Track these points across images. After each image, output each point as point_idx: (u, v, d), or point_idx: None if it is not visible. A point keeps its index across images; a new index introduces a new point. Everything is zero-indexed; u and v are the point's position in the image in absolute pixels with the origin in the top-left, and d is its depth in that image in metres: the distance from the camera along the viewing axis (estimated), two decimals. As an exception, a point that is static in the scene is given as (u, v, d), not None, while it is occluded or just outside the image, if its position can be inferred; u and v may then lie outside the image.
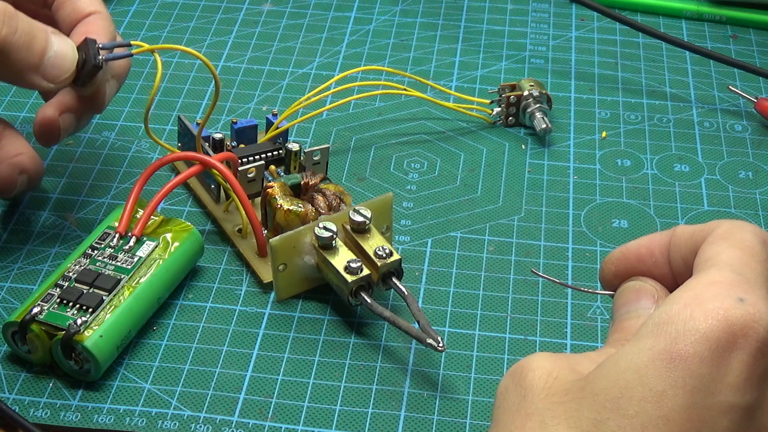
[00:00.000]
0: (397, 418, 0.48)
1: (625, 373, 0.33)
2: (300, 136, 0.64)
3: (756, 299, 0.33)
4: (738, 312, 0.32)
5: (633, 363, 0.33)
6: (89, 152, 0.63)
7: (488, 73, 0.71)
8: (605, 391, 0.33)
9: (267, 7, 0.78)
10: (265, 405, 0.48)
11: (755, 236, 0.36)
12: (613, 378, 0.33)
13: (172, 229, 0.53)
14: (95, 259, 0.51)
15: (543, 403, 0.34)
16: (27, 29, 0.49)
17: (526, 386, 0.35)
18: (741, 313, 0.32)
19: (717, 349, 0.32)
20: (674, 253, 0.38)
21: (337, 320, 0.52)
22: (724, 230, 0.36)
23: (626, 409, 0.32)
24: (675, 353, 0.32)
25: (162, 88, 0.68)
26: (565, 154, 0.64)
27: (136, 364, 0.50)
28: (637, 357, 0.33)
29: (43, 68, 0.50)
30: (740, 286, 0.33)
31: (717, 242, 0.36)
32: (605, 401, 0.33)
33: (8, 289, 0.53)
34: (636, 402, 0.32)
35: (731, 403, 0.32)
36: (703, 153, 0.64)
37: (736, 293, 0.33)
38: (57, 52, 0.50)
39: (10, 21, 0.48)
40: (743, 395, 0.32)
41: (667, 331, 0.32)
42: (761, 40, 0.75)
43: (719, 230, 0.36)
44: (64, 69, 0.50)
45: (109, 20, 0.54)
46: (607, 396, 0.33)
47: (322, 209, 0.53)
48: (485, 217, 0.59)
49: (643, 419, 0.32)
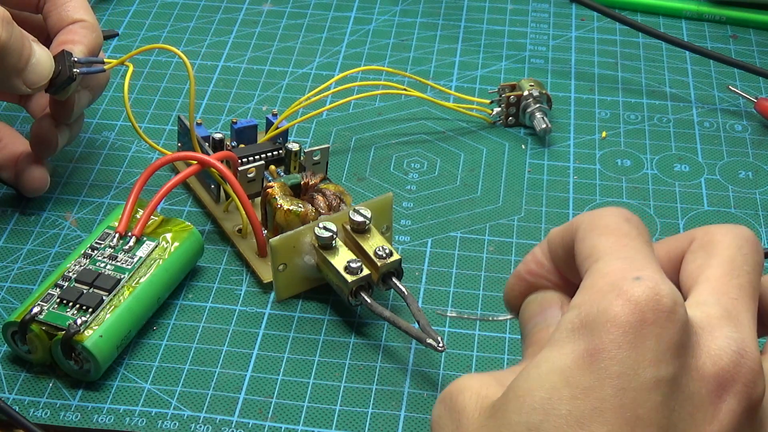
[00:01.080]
0: (397, 418, 0.48)
1: (549, 376, 0.33)
2: (300, 136, 0.64)
3: (649, 273, 0.33)
4: (638, 290, 0.33)
5: (556, 366, 0.33)
6: (89, 152, 0.63)
7: (488, 73, 0.71)
8: (530, 392, 0.33)
9: (267, 7, 0.78)
10: (265, 405, 0.48)
11: (617, 217, 0.36)
12: (536, 381, 0.33)
13: (172, 229, 0.53)
14: (95, 259, 0.51)
15: (477, 423, 0.34)
16: (19, 35, 0.51)
17: (459, 409, 0.35)
18: (641, 290, 0.33)
19: (630, 332, 0.32)
20: (556, 259, 0.39)
21: (337, 320, 0.52)
22: (588, 222, 0.37)
23: (558, 409, 0.32)
24: (594, 349, 0.32)
25: (162, 88, 0.68)
26: (565, 154, 0.64)
27: (136, 364, 0.50)
28: (560, 360, 0.33)
29: (26, 74, 0.52)
30: (630, 267, 0.34)
31: (587, 236, 0.36)
32: (533, 403, 0.33)
33: (8, 289, 0.53)
34: (566, 401, 0.32)
35: (656, 377, 0.32)
36: (703, 153, 0.64)
37: (630, 275, 0.33)
38: (38, 59, 0.52)
39: (8, 26, 0.50)
40: (665, 367, 0.32)
41: (582, 333, 0.33)
42: (761, 40, 0.75)
43: (583, 224, 0.37)
44: (42, 76, 0.52)
45: (92, 29, 0.55)
46: (534, 398, 0.33)
47: (322, 209, 0.53)
48: (485, 217, 0.59)
49: (577, 415, 0.32)
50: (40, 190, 0.58)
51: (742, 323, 0.34)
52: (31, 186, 0.57)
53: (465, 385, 0.36)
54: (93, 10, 0.57)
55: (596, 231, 0.36)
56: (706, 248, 0.37)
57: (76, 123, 0.57)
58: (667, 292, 0.33)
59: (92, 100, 0.57)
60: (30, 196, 0.58)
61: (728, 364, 0.33)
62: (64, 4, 0.55)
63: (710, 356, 0.33)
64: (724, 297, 0.35)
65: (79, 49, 0.54)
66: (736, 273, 0.36)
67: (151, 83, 0.69)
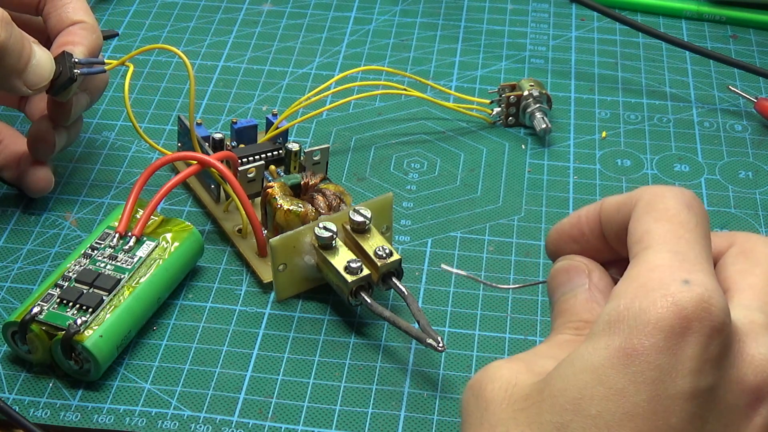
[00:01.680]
0: (397, 418, 0.48)
1: (582, 374, 0.32)
2: (300, 136, 0.64)
3: (701, 277, 0.32)
4: (686, 296, 0.32)
5: (589, 363, 0.32)
6: (89, 152, 0.63)
7: (488, 73, 0.71)
8: (563, 392, 0.32)
9: (267, 7, 0.78)
10: (265, 405, 0.48)
11: (678, 202, 0.35)
12: (570, 379, 0.33)
13: (172, 229, 0.53)
14: (95, 259, 0.51)
15: (505, 413, 0.34)
16: (19, 36, 0.51)
17: (488, 398, 0.35)
18: (689, 297, 0.32)
19: (671, 338, 0.32)
20: (607, 230, 0.38)
21: (337, 320, 0.52)
22: (647, 202, 0.36)
23: (588, 409, 0.32)
24: (631, 349, 0.32)
25: (162, 88, 0.68)
26: (565, 154, 0.64)
27: (136, 364, 0.50)
28: (593, 357, 0.32)
29: (26, 75, 0.52)
30: (681, 266, 0.33)
31: (643, 218, 0.35)
32: (565, 403, 0.32)
33: (8, 289, 0.53)
34: (597, 401, 0.32)
35: (693, 387, 0.32)
36: (703, 153, 0.64)
37: (680, 276, 0.33)
38: (38, 61, 0.52)
39: (7, 26, 0.50)
40: (704, 378, 0.32)
41: (619, 328, 0.32)
42: (761, 40, 0.75)
43: (642, 202, 0.36)
44: (43, 77, 0.52)
45: (92, 30, 0.55)
46: (566, 397, 0.32)
47: (322, 209, 0.53)
48: (485, 217, 0.59)
49: (607, 418, 0.32)
50: (44, 190, 0.58)
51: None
52: (36, 186, 0.57)
53: (495, 375, 0.35)
54: (93, 10, 0.57)
55: (654, 214, 0.35)
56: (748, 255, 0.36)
57: (74, 126, 0.57)
58: (717, 301, 0.32)
59: (91, 103, 0.57)
60: (34, 196, 0.58)
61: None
62: (63, 6, 0.55)
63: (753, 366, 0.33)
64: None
65: (80, 51, 0.54)
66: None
67: (151, 83, 0.69)
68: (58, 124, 0.56)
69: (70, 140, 0.57)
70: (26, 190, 0.58)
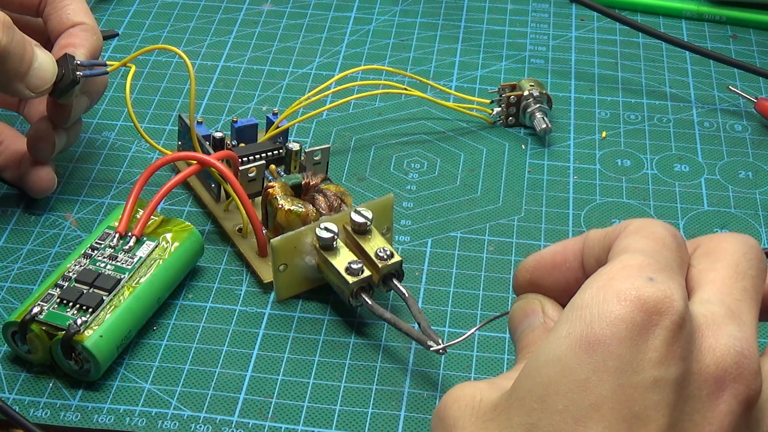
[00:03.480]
0: (397, 418, 0.48)
1: (545, 367, 0.33)
2: (300, 136, 0.64)
3: (665, 278, 0.33)
4: (649, 290, 0.32)
5: (552, 354, 0.33)
6: (89, 152, 0.63)
7: (488, 73, 0.71)
8: (530, 392, 0.33)
9: (267, 7, 0.78)
10: (265, 405, 0.48)
11: (666, 230, 0.36)
12: (535, 376, 0.33)
13: (172, 229, 0.53)
14: (95, 259, 0.51)
15: (474, 426, 0.34)
16: (20, 40, 0.51)
17: (454, 417, 0.35)
18: (653, 291, 0.32)
19: (633, 329, 0.32)
20: (587, 256, 0.38)
21: (337, 320, 0.52)
22: (636, 226, 0.36)
23: (554, 405, 0.32)
24: (592, 337, 0.32)
25: (162, 88, 0.68)
26: (565, 154, 0.64)
27: (136, 364, 0.50)
28: (555, 347, 0.33)
29: (28, 78, 0.52)
30: (650, 266, 0.34)
31: (629, 236, 0.36)
32: (533, 402, 0.32)
33: (8, 289, 0.53)
34: (562, 395, 0.32)
35: (656, 377, 0.32)
36: (703, 153, 0.64)
37: (646, 273, 0.33)
38: (41, 64, 0.52)
39: (9, 30, 0.50)
40: (668, 368, 0.32)
41: (581, 316, 0.33)
42: (761, 40, 0.75)
43: (631, 227, 0.37)
44: (46, 80, 0.52)
45: (93, 32, 0.55)
46: (533, 396, 0.32)
47: (323, 210, 0.53)
48: (485, 217, 0.59)
49: (573, 411, 0.32)
50: (47, 190, 0.58)
51: (745, 323, 0.34)
52: (39, 186, 0.57)
53: (457, 395, 0.35)
54: (93, 10, 0.57)
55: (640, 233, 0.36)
56: (711, 254, 0.37)
57: (74, 128, 0.57)
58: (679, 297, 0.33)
59: (90, 105, 0.57)
60: (37, 196, 0.58)
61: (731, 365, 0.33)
62: (64, 8, 0.55)
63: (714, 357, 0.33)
64: (728, 297, 0.35)
65: (81, 53, 0.54)
66: (740, 276, 0.36)
67: (151, 83, 0.69)
68: (58, 126, 0.56)
69: (70, 141, 0.57)
70: (28, 191, 0.58)
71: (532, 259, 0.40)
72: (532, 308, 0.39)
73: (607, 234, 0.37)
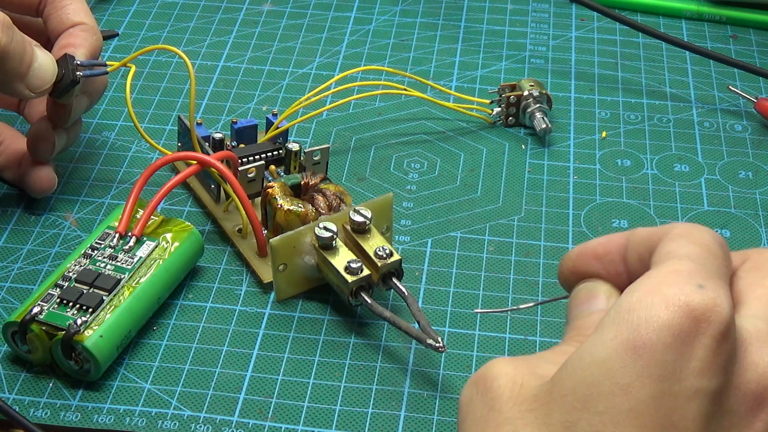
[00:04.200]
0: (397, 418, 0.48)
1: (590, 368, 0.32)
2: (300, 136, 0.64)
3: (715, 286, 0.33)
4: (698, 297, 0.32)
5: (597, 356, 0.32)
6: (89, 152, 0.63)
7: (488, 73, 0.71)
8: (573, 390, 0.33)
9: (267, 7, 0.78)
10: (265, 405, 0.48)
11: (713, 237, 0.36)
12: (579, 375, 0.33)
13: (172, 229, 0.53)
14: (95, 259, 0.51)
15: (512, 411, 0.34)
16: (20, 40, 0.51)
17: (493, 396, 0.35)
18: (702, 299, 0.32)
19: (680, 336, 0.32)
20: (631, 252, 0.38)
21: (337, 320, 0.52)
22: (683, 230, 0.36)
23: (595, 406, 0.32)
24: (638, 342, 0.32)
25: (162, 88, 0.68)
26: (565, 154, 0.64)
27: (136, 364, 0.50)
28: (601, 349, 0.32)
29: (28, 78, 0.52)
30: (699, 273, 0.33)
31: (676, 239, 0.36)
32: (574, 401, 0.32)
33: (8, 289, 0.53)
34: (604, 397, 0.32)
35: (698, 387, 0.32)
36: (703, 153, 0.64)
37: (696, 280, 0.33)
38: (41, 64, 0.52)
39: (8, 30, 0.50)
40: (709, 380, 0.32)
41: (628, 319, 0.32)
42: (761, 40, 0.75)
43: (677, 230, 0.36)
44: (45, 80, 0.52)
45: (92, 32, 0.55)
46: (576, 395, 0.32)
47: (323, 209, 0.53)
48: (485, 217, 0.59)
49: (613, 415, 0.32)
50: (48, 190, 0.58)
51: None
52: (40, 186, 0.57)
53: (498, 374, 0.35)
54: (93, 10, 0.57)
55: (687, 238, 0.36)
56: (760, 269, 0.37)
57: (73, 129, 0.57)
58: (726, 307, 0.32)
59: (90, 105, 0.57)
60: (37, 196, 0.58)
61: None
62: (64, 8, 0.55)
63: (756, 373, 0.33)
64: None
65: (81, 53, 0.54)
66: None
67: (151, 83, 0.69)
68: (58, 126, 0.56)
69: (70, 141, 0.57)
70: (29, 191, 0.58)
71: (577, 249, 0.40)
72: (596, 293, 0.39)
73: (653, 234, 0.37)
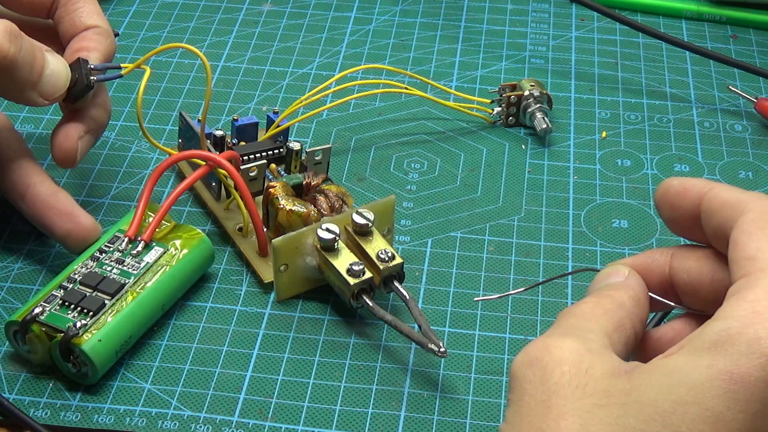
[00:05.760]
0: (397, 418, 0.48)
1: (678, 388, 0.32)
2: (300, 135, 0.64)
3: None
4: None
5: (688, 378, 0.32)
6: (89, 152, 0.63)
7: (488, 73, 0.71)
8: (654, 402, 0.32)
9: (267, 7, 0.78)
10: (265, 405, 0.48)
11: None
12: (664, 391, 0.32)
13: (182, 236, 0.53)
14: (102, 262, 0.51)
15: (580, 402, 0.33)
16: (29, 48, 0.49)
17: (557, 382, 0.34)
18: None
19: None
20: (706, 218, 0.37)
21: (338, 320, 0.52)
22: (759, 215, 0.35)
23: (678, 425, 0.31)
24: (737, 375, 0.31)
25: (162, 88, 0.68)
26: (565, 154, 0.64)
27: (136, 364, 0.50)
28: (694, 373, 0.32)
29: (40, 86, 0.50)
30: None
31: (756, 233, 0.34)
32: (654, 414, 0.32)
33: (8, 289, 0.53)
34: (690, 420, 0.31)
35: None
36: (703, 153, 0.64)
37: None
38: (53, 70, 0.50)
39: (16, 40, 0.48)
40: None
41: (728, 351, 0.31)
42: (761, 40, 0.75)
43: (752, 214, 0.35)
44: (59, 87, 0.51)
45: (106, 35, 0.54)
46: (657, 409, 0.32)
47: (324, 210, 0.53)
48: (485, 217, 0.59)
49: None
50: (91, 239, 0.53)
51: None
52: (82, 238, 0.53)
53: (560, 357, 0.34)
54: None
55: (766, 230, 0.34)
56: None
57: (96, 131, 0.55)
58: None
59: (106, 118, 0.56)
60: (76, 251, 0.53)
61: None
62: (76, 10, 0.54)
63: None
64: None
65: (95, 56, 0.53)
66: None
67: (151, 83, 0.69)
68: None
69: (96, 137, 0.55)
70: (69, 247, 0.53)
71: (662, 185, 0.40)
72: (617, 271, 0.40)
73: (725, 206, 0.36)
